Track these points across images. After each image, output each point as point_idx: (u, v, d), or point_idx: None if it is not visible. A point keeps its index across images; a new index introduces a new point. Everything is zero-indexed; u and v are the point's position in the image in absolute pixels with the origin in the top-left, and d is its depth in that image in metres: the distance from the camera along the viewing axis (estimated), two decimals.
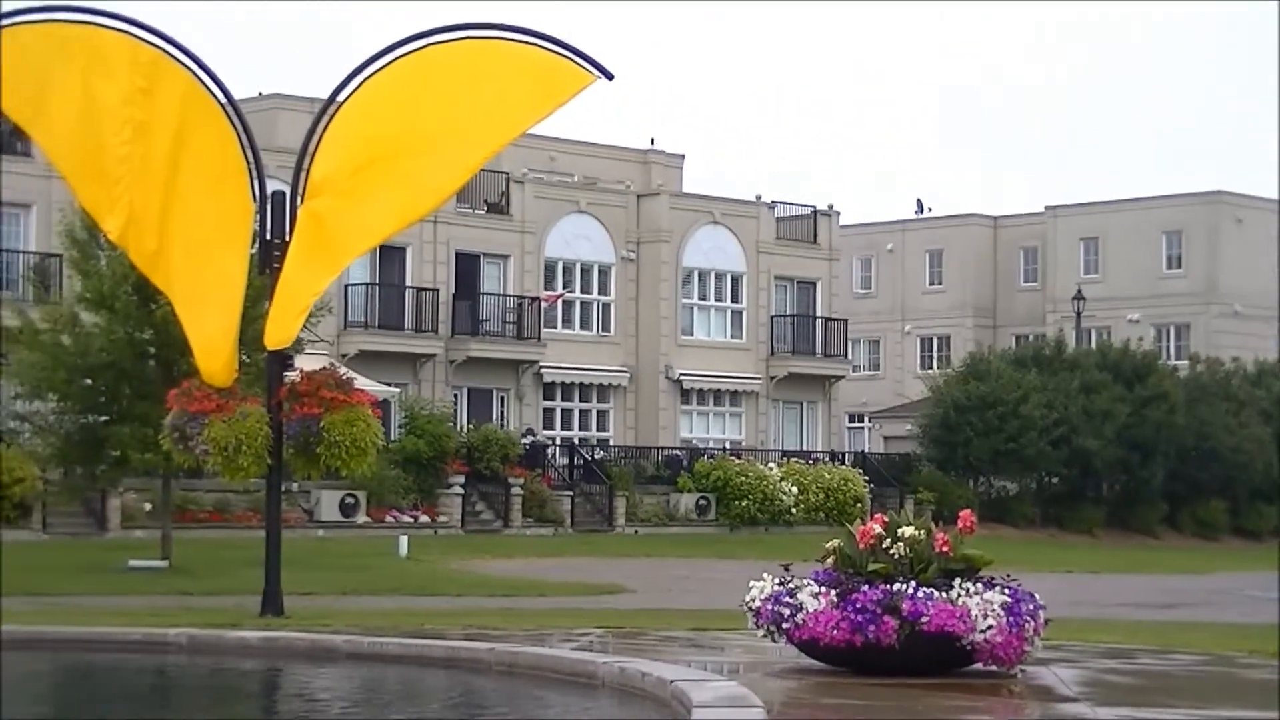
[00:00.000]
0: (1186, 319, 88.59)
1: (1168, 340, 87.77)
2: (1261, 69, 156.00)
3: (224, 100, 24.74)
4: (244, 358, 27.00)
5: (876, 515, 17.11)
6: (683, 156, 77.69)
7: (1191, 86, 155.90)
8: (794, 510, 61.01)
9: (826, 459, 67.66)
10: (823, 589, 16.12)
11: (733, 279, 70.17)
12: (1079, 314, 79.87)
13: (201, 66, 24.54)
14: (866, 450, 78.10)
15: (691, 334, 68.79)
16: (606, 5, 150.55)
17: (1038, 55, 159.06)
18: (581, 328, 66.66)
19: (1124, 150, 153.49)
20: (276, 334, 24.68)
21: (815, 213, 73.45)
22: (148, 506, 47.23)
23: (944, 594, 15.71)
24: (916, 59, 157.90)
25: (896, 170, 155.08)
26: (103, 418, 39.97)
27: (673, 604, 29.96)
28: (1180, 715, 13.88)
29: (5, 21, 23.92)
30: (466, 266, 63.62)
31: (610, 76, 23.79)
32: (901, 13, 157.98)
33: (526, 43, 24.10)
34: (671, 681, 12.21)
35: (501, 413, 63.96)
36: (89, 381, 39.60)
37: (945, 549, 16.24)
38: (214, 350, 24.94)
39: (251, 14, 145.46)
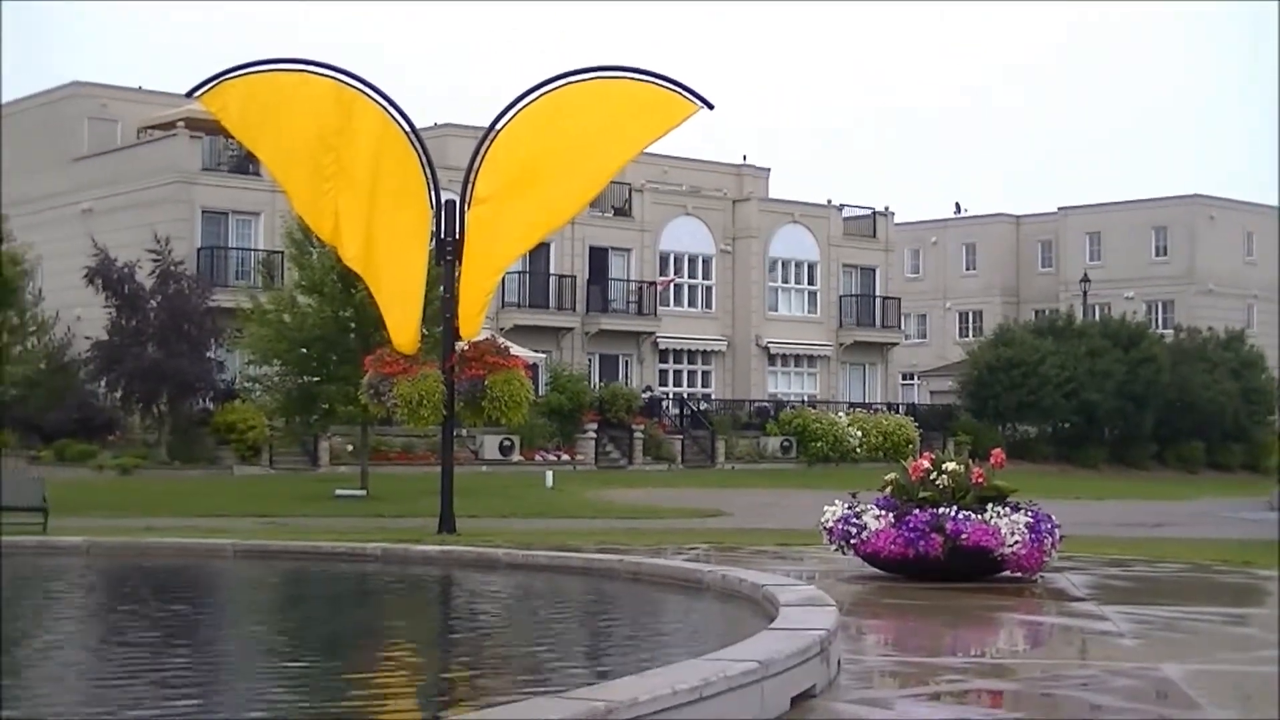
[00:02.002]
0: (1171, 296, 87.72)
1: (1156, 314, 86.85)
2: (1234, 91, 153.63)
3: (407, 129, 24.87)
4: (424, 331, 27.14)
5: (925, 454, 17.04)
6: (769, 169, 77.34)
7: (1174, 107, 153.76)
8: (858, 450, 60.74)
9: (884, 409, 67.37)
10: (882, 512, 16.08)
11: (809, 266, 69.87)
12: (1085, 293, 79.05)
13: (390, 103, 24.67)
14: (916, 402, 77.66)
15: (776, 310, 68.57)
16: (708, 42, 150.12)
17: (1061, 78, 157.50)
18: (689, 306, 66.56)
19: (1121, 159, 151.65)
20: (467, 328, 25.00)
21: (874, 213, 73.03)
22: (350, 448, 47.61)
23: (979, 516, 15.65)
24: (961, 80, 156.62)
25: (940, 177, 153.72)
26: (315, 379, 40.34)
27: (762, 525, 29.91)
28: (1168, 611, 13.75)
29: (239, 73, 24.21)
30: (598, 258, 63.68)
31: (711, 106, 23.75)
32: (947, 50, 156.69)
33: (643, 80, 24.10)
34: (763, 586, 12.18)
35: (626, 373, 64.00)
36: (304, 350, 39.99)
37: (980, 480, 16.16)
38: (403, 325, 25.15)
39: (426, 54, 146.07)
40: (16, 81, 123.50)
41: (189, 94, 24.85)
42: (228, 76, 24.22)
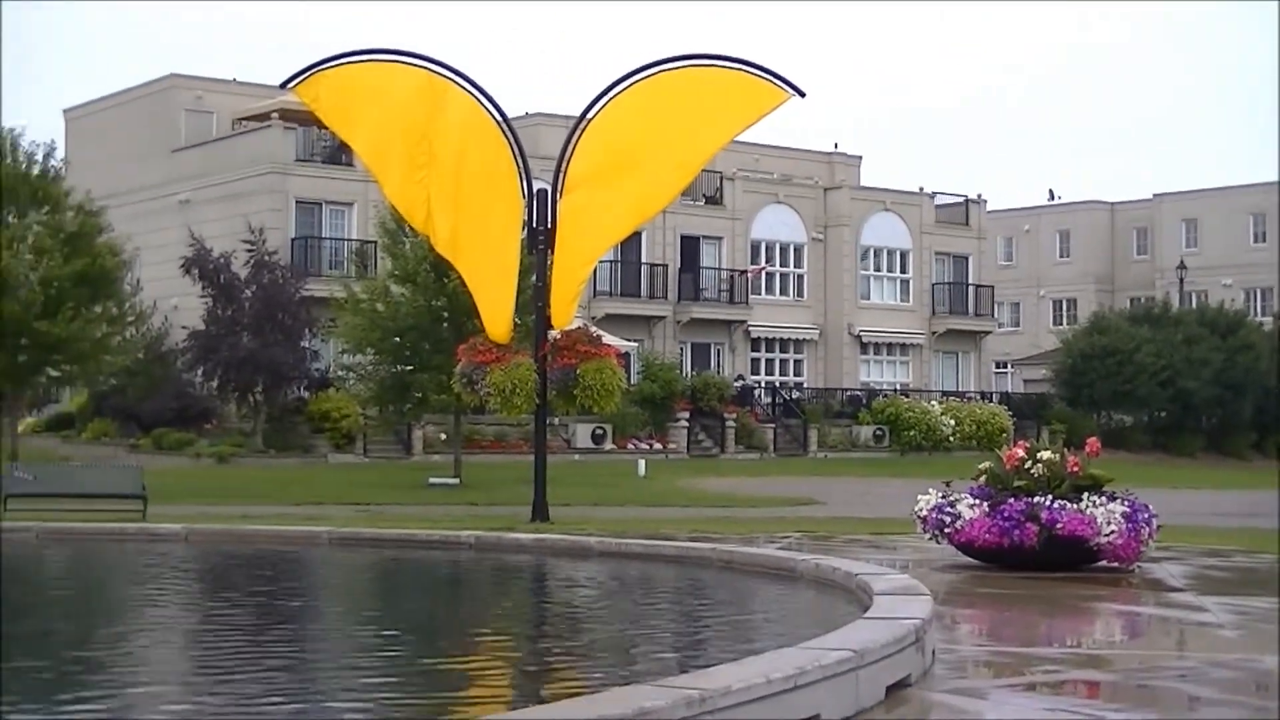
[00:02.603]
0: (1269, 283, 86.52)
1: (1254, 301, 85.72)
2: None
3: (499, 119, 24.97)
4: (517, 320, 27.23)
5: (1019, 442, 16.94)
6: (860, 157, 76.86)
7: (1269, 88, 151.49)
8: (952, 438, 60.36)
9: (978, 397, 66.94)
10: (977, 501, 15.99)
11: (901, 254, 69.50)
12: (1182, 280, 78.15)
13: (482, 92, 24.78)
14: (1009, 390, 77.11)
15: (868, 298, 68.26)
16: (806, 31, 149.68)
17: (1161, 68, 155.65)
18: (781, 294, 66.35)
19: (1217, 145, 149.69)
20: (559, 318, 25.09)
21: (967, 201, 72.52)
22: (443, 436, 47.83)
23: (1075, 505, 15.54)
24: (1050, 70, 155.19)
25: (1033, 164, 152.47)
26: (408, 367, 40.52)
27: (855, 513, 29.78)
28: (1269, 602, 13.57)
29: (332, 63, 24.39)
30: (689, 246, 63.59)
31: (803, 94, 23.68)
32: (1043, 39, 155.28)
33: (735, 69, 24.06)
34: (856, 574, 12.15)
35: (718, 362, 63.91)
36: (398, 339, 40.17)
37: (1075, 469, 16.03)
38: (496, 314, 25.26)
39: (517, 45, 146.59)
40: (119, 73, 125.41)
41: (283, 85, 25.07)
42: (321, 67, 24.41)
